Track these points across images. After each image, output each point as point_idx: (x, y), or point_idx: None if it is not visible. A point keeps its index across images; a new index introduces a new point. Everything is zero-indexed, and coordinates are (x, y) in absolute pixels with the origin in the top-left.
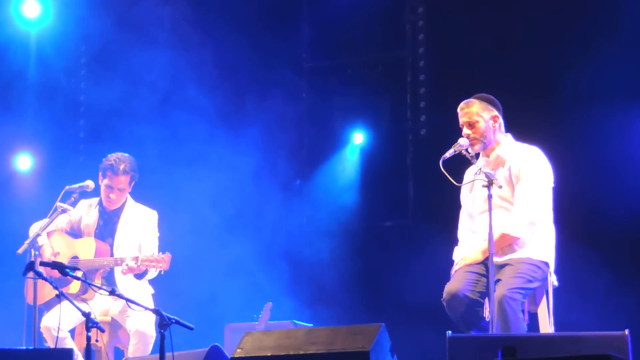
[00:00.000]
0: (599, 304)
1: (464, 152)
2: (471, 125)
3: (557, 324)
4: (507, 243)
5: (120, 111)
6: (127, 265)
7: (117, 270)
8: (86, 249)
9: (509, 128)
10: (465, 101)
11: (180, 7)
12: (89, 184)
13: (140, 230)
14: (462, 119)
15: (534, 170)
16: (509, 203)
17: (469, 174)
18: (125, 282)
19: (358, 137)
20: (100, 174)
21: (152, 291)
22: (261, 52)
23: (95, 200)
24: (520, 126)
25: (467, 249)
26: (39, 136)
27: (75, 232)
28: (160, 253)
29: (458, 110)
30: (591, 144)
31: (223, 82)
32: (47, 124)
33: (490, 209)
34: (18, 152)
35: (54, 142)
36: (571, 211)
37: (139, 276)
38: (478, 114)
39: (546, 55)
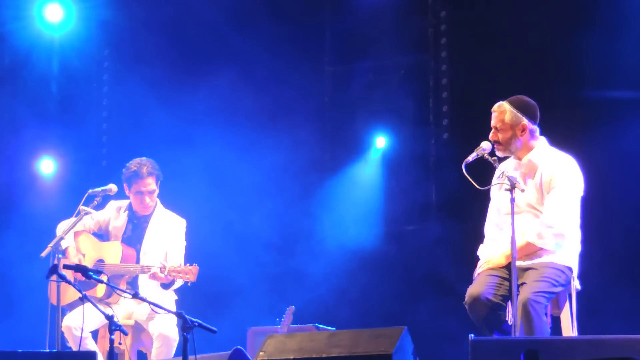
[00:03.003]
0: (622, 308)
1: (486, 156)
2: (497, 130)
3: (580, 328)
4: (532, 251)
5: (142, 115)
6: (154, 273)
7: (142, 276)
8: (112, 253)
9: None
10: (499, 103)
11: (202, 13)
12: (112, 187)
13: (168, 237)
14: (492, 121)
15: (565, 181)
16: (537, 210)
17: (497, 174)
18: (149, 287)
19: (380, 141)
20: (125, 184)
21: (176, 297)
22: (283, 56)
23: (125, 203)
24: (547, 131)
25: (491, 252)
26: (62, 140)
27: (102, 234)
28: (188, 264)
29: (492, 110)
30: (621, 149)
31: (244, 87)
32: (70, 128)
33: (512, 213)
34: (41, 156)
35: (77, 146)
36: (596, 216)
37: (166, 286)
38: (504, 121)
39: (570, 59)
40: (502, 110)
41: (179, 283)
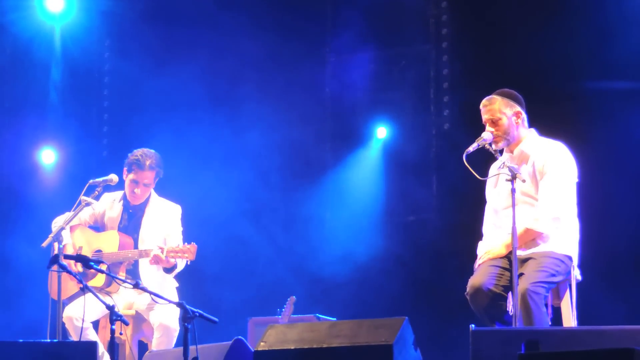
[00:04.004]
0: (622, 298)
1: (487, 146)
2: (494, 122)
3: (581, 318)
4: (531, 238)
5: (143, 106)
6: (155, 256)
7: (142, 264)
8: (110, 242)
9: (534, 122)
10: (487, 98)
11: (201, 2)
12: (113, 177)
13: (164, 224)
14: (484, 116)
15: (558, 166)
16: (532, 199)
17: (494, 168)
18: (150, 276)
19: (381, 132)
20: (125, 168)
21: (177, 284)
22: (284, 46)
23: (119, 194)
24: (546, 121)
25: (491, 243)
26: (63, 130)
27: (98, 226)
28: (186, 244)
29: (481, 107)
30: (618, 137)
31: (245, 76)
32: (71, 118)
33: (513, 204)
34: (42, 146)
35: (77, 136)
36: (595, 204)
37: (169, 270)
38: (500, 110)
39: (572, 50)
40: (493, 102)
41: (181, 265)
